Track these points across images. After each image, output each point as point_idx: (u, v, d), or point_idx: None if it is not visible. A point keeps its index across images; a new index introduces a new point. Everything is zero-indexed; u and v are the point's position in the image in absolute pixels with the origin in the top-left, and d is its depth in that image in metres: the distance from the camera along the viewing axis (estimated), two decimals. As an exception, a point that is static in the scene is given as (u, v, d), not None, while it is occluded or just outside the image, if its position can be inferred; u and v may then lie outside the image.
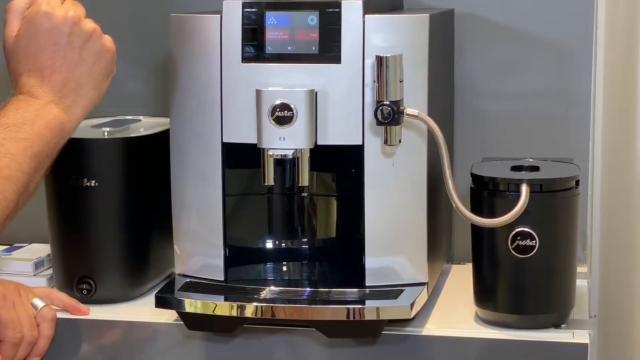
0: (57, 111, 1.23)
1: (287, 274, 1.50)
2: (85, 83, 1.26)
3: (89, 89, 1.26)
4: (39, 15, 1.25)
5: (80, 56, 1.26)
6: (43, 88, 1.24)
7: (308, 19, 1.36)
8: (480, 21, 1.70)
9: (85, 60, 1.26)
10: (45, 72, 1.24)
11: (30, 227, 1.74)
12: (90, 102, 1.27)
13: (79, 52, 1.25)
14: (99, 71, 1.27)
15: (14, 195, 1.16)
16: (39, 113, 1.22)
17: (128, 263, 1.54)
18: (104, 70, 1.28)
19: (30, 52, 1.25)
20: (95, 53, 1.27)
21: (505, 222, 1.35)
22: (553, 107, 1.70)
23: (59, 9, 1.26)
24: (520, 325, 1.40)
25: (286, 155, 1.36)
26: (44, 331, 1.47)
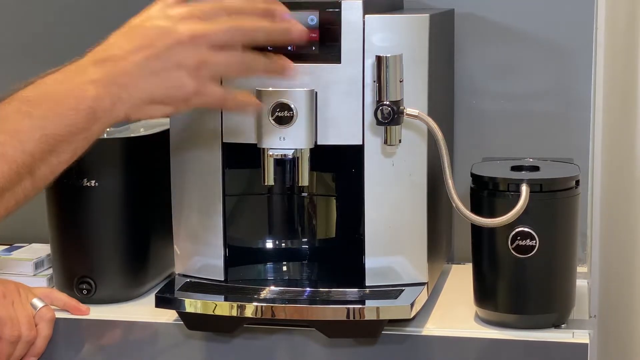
0: (94, 94, 1.09)
1: (287, 274, 1.50)
2: (140, 91, 1.12)
3: (140, 98, 1.12)
4: (162, 10, 1.14)
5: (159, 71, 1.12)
6: (99, 66, 1.11)
7: (308, 19, 1.36)
8: (480, 21, 1.70)
9: (157, 76, 1.12)
10: (117, 55, 1.12)
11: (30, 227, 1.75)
12: (136, 110, 1.13)
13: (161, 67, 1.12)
14: (160, 96, 1.13)
15: (3, 176, 1.04)
16: (73, 91, 1.09)
17: (128, 263, 1.54)
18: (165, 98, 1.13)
19: (128, 30, 1.13)
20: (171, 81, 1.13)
21: (505, 222, 1.35)
22: (553, 107, 1.70)
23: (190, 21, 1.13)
24: (520, 325, 1.40)
25: (286, 155, 1.36)
26: (42, 331, 1.47)
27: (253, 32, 1.15)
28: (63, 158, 1.10)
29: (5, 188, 1.05)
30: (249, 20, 1.16)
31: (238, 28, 1.14)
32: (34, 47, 1.85)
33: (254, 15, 1.17)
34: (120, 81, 1.11)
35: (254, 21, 1.16)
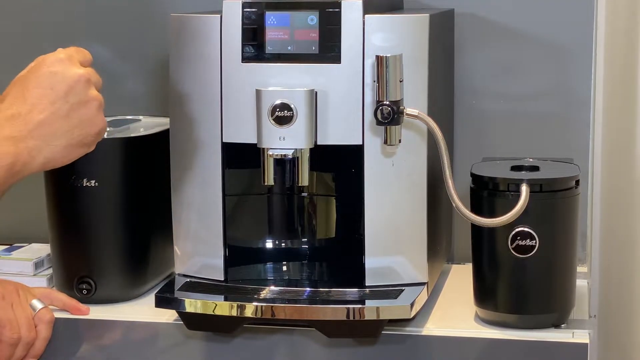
0: (13, 150, 1.17)
1: (287, 274, 1.50)
2: (59, 137, 1.21)
3: (60, 144, 1.21)
4: (54, 57, 1.23)
5: (69, 112, 1.21)
6: (11, 124, 1.19)
7: (308, 19, 1.36)
8: (480, 21, 1.70)
9: (70, 119, 1.21)
10: (27, 106, 1.20)
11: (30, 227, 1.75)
12: (55, 157, 1.21)
13: (69, 108, 1.21)
14: (77, 136, 1.22)
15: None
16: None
17: (128, 263, 1.54)
18: (82, 138, 1.23)
19: (26, 83, 1.21)
20: (84, 120, 1.22)
21: (505, 222, 1.35)
22: (553, 107, 1.70)
23: (76, 63, 1.23)
24: (520, 325, 1.40)
25: (286, 155, 1.36)
26: (41, 333, 1.47)
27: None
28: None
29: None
30: None
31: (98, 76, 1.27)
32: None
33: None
34: (35, 134, 1.19)
35: None
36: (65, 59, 1.23)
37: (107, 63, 1.82)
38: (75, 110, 1.21)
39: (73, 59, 1.24)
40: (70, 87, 1.21)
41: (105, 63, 1.82)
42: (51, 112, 1.20)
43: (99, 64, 1.81)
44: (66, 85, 1.21)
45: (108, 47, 1.82)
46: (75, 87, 1.22)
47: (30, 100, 1.20)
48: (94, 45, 1.81)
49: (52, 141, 1.20)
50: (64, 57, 1.23)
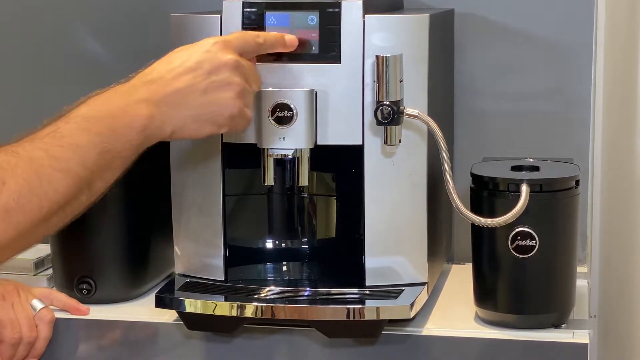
0: (147, 112, 1.18)
1: (287, 274, 1.50)
2: (191, 109, 1.21)
3: (191, 116, 1.22)
4: (212, 40, 1.25)
5: (206, 89, 1.22)
6: (149, 87, 1.20)
7: (308, 19, 1.36)
8: (480, 21, 1.70)
9: (207, 95, 1.22)
10: (169, 74, 1.21)
11: (30, 227, 1.74)
12: (184, 128, 1.22)
13: (208, 84, 1.22)
14: (209, 113, 1.23)
15: (68, 190, 1.11)
16: (127, 109, 1.17)
17: (128, 263, 1.54)
18: (214, 116, 1.23)
19: (177, 55, 1.24)
20: (220, 99, 1.23)
21: (505, 222, 1.35)
22: (553, 107, 1.70)
23: (230, 50, 1.24)
24: (520, 325, 1.40)
25: (286, 155, 1.36)
26: (42, 333, 1.47)
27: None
28: (116, 173, 1.18)
29: (67, 201, 1.12)
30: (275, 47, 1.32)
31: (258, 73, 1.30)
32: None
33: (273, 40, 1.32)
34: (170, 100, 1.20)
35: None
36: (220, 42, 1.25)
37: (107, 63, 1.82)
38: (214, 89, 1.22)
39: (229, 45, 1.25)
40: (216, 67, 1.23)
41: (105, 63, 1.82)
42: (190, 84, 1.21)
43: (99, 63, 1.82)
44: (212, 65, 1.23)
45: (108, 47, 1.82)
46: (221, 69, 1.23)
47: (174, 70, 1.21)
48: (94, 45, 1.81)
49: (184, 111, 1.21)
50: (219, 42, 1.25)
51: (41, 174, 1.09)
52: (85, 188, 1.14)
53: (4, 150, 1.09)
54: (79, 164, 1.12)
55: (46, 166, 1.10)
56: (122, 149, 1.17)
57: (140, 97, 1.19)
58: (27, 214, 1.08)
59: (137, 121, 1.17)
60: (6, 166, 1.07)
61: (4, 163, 1.07)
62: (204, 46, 1.24)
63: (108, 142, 1.15)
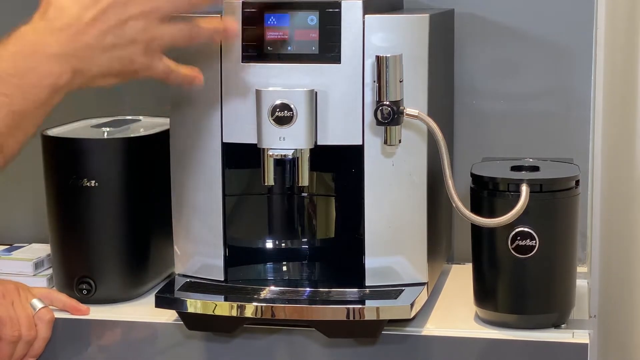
0: (58, 69, 1.12)
1: (287, 274, 1.50)
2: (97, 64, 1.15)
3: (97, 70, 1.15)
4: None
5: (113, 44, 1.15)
6: (58, 36, 1.13)
7: (308, 19, 1.36)
8: (480, 21, 1.70)
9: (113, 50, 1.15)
10: (77, 26, 1.13)
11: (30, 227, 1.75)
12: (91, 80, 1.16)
13: (113, 40, 1.14)
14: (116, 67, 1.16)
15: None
16: (37, 66, 1.12)
17: (128, 263, 1.54)
18: (119, 69, 1.17)
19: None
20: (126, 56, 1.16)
21: (505, 222, 1.35)
22: (553, 107, 1.70)
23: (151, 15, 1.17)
24: (520, 325, 1.40)
25: (286, 155, 1.36)
26: (41, 332, 1.47)
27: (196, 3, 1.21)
28: (28, 131, 1.13)
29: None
30: None
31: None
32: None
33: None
34: (79, 54, 1.14)
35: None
36: None
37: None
38: (120, 46, 1.15)
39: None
40: (122, 22, 1.15)
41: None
42: (98, 39, 1.14)
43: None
44: (117, 20, 1.14)
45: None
46: (127, 23, 1.15)
47: (83, 19, 1.14)
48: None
49: (92, 67, 1.15)
50: None
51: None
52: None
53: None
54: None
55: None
56: (33, 107, 1.12)
57: (51, 51, 1.12)
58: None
59: (47, 78, 1.12)
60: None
61: None
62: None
63: (17, 102, 1.10)
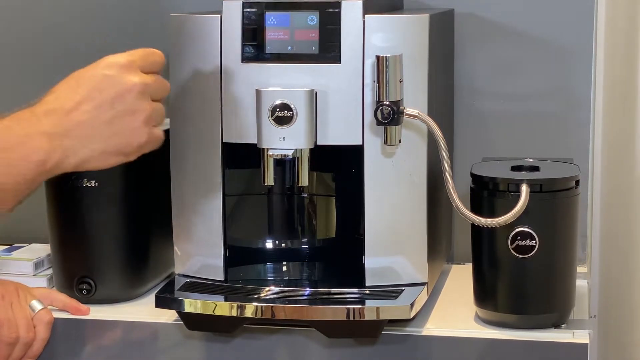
0: (46, 146, 1.13)
1: (287, 274, 1.50)
2: (97, 142, 1.16)
3: (97, 149, 1.17)
4: (113, 59, 1.19)
5: (112, 119, 1.16)
6: (52, 117, 1.15)
7: (308, 19, 1.37)
8: (480, 21, 1.70)
9: (112, 125, 1.16)
10: (70, 104, 1.16)
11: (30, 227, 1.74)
12: (90, 160, 1.17)
13: (113, 115, 1.16)
14: (116, 144, 1.18)
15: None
16: (26, 141, 1.12)
17: (128, 263, 1.54)
18: (122, 147, 1.18)
19: (78, 80, 1.17)
20: (127, 129, 1.17)
21: (505, 222, 1.35)
22: (553, 107, 1.70)
23: (134, 70, 1.19)
24: (520, 325, 1.40)
25: (286, 155, 1.36)
26: (40, 334, 1.47)
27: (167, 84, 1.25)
28: (8, 206, 1.12)
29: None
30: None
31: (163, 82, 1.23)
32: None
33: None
34: (73, 133, 1.14)
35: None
36: (124, 64, 1.19)
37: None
38: (119, 118, 1.17)
39: (133, 65, 1.19)
40: (120, 94, 1.17)
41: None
42: (94, 116, 1.15)
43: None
44: (115, 92, 1.17)
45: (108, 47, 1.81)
46: (125, 96, 1.17)
47: (75, 98, 1.16)
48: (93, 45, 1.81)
49: (89, 144, 1.16)
50: (123, 62, 1.19)
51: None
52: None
53: None
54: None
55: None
56: (15, 182, 1.12)
57: (41, 130, 1.13)
58: None
59: (35, 154, 1.12)
60: None
61: None
62: (107, 69, 1.18)
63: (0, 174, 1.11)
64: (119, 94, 1.17)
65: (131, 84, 1.18)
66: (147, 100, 1.19)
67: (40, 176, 1.14)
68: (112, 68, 1.18)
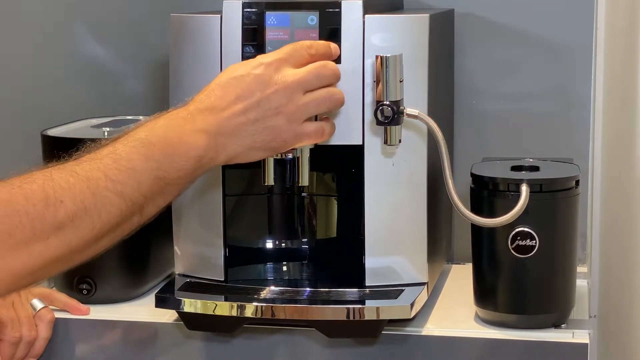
0: (204, 143, 1.20)
1: (287, 274, 1.50)
2: (244, 138, 1.22)
3: (244, 145, 1.22)
4: (262, 60, 1.24)
5: (258, 118, 1.22)
6: (206, 115, 1.20)
7: (308, 19, 1.36)
8: (480, 21, 1.70)
9: (258, 123, 1.22)
10: (223, 103, 1.21)
11: (30, 227, 1.74)
12: (238, 155, 1.23)
13: (261, 114, 1.22)
14: (261, 141, 1.23)
15: (120, 213, 1.12)
16: (185, 138, 1.18)
17: (128, 263, 1.54)
18: (266, 143, 1.23)
19: (225, 78, 1.23)
20: (270, 127, 1.23)
21: (505, 222, 1.35)
22: (553, 107, 1.70)
23: (284, 68, 1.24)
24: (520, 325, 1.40)
25: (286, 155, 1.36)
26: (42, 332, 1.47)
27: (333, 69, 1.27)
28: (168, 198, 1.18)
29: (119, 223, 1.13)
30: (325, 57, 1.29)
31: (321, 70, 1.26)
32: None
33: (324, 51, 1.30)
34: (225, 131, 1.21)
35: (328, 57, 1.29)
36: (271, 62, 1.24)
37: (107, 63, 1.82)
38: (264, 117, 1.22)
39: (283, 63, 1.24)
40: (265, 95, 1.22)
41: (105, 63, 1.82)
42: (242, 115, 1.22)
43: (99, 64, 1.82)
44: (261, 93, 1.22)
45: (108, 47, 1.82)
46: (270, 96, 1.22)
47: (227, 98, 1.21)
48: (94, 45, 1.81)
49: (238, 141, 1.22)
50: (270, 61, 1.24)
51: (97, 195, 1.09)
52: (137, 211, 1.15)
53: (64, 168, 1.10)
54: (133, 188, 1.13)
55: (102, 187, 1.10)
56: (177, 176, 1.17)
57: (197, 127, 1.20)
58: (79, 232, 1.09)
59: (193, 150, 1.18)
60: (65, 185, 1.08)
61: (63, 182, 1.08)
62: (256, 68, 1.24)
63: (163, 169, 1.16)
64: (265, 94, 1.22)
65: (276, 83, 1.23)
66: (296, 96, 1.24)
67: (197, 171, 1.20)
68: (260, 67, 1.23)
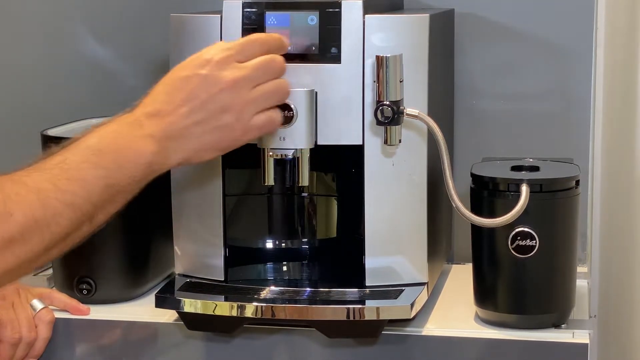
0: (152, 149, 1.18)
1: (287, 274, 1.50)
2: (193, 141, 1.20)
3: (193, 148, 1.21)
4: (207, 57, 1.21)
5: (206, 119, 1.20)
6: (152, 120, 1.18)
7: (308, 19, 1.36)
8: (480, 21, 1.70)
9: (207, 124, 1.20)
10: (169, 107, 1.19)
11: (30, 227, 1.74)
12: (188, 158, 1.21)
13: (207, 115, 1.20)
14: (210, 142, 1.21)
15: (70, 223, 1.11)
16: (133, 145, 1.17)
17: (128, 263, 1.54)
18: (215, 144, 1.22)
19: (170, 80, 1.21)
20: (220, 127, 1.21)
21: (505, 222, 1.35)
22: (553, 107, 1.70)
23: (230, 67, 1.21)
24: (520, 325, 1.40)
25: (286, 155, 1.36)
26: (42, 333, 1.47)
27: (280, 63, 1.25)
28: (117, 206, 1.18)
29: (69, 234, 1.12)
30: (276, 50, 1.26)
31: (269, 64, 1.24)
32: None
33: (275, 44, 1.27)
34: (172, 135, 1.19)
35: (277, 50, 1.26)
36: (220, 60, 1.21)
37: (107, 63, 1.82)
38: (212, 118, 1.20)
39: (230, 59, 1.21)
40: (211, 95, 1.20)
41: (105, 63, 1.82)
42: (188, 118, 1.19)
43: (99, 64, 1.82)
44: (207, 94, 1.20)
45: (108, 47, 1.82)
46: (216, 95, 1.20)
47: (173, 102, 1.19)
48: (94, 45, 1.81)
49: (186, 144, 1.20)
50: (217, 59, 1.21)
51: (47, 207, 1.09)
52: (87, 221, 1.14)
53: (13, 179, 1.09)
54: (84, 198, 1.12)
55: (52, 199, 1.09)
56: (127, 183, 1.17)
57: (145, 133, 1.18)
58: (29, 245, 1.08)
59: (142, 157, 1.17)
60: (15, 198, 1.07)
61: (13, 194, 1.07)
62: (201, 67, 1.21)
63: (113, 176, 1.15)
64: (211, 95, 1.20)
65: (222, 82, 1.20)
66: (243, 92, 1.21)
67: (148, 176, 1.19)
68: (205, 67, 1.21)
